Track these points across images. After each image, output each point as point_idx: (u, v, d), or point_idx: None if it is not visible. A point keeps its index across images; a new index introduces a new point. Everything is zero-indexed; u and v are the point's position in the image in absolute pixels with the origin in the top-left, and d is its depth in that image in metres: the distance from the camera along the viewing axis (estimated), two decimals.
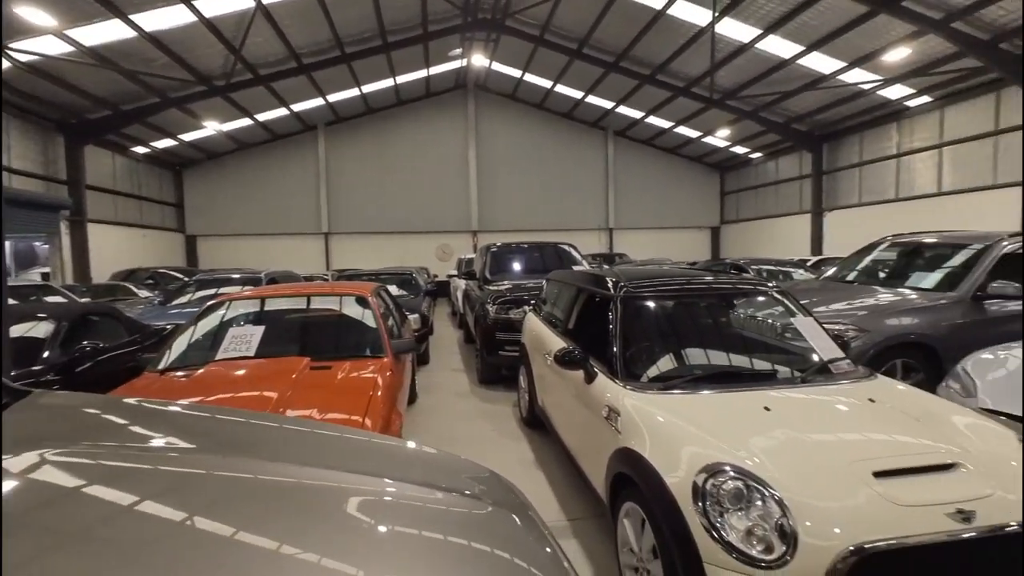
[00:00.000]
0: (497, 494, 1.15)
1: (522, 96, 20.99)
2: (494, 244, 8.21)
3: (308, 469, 1.14)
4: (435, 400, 5.59)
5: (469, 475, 1.27)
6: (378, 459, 1.37)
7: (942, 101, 13.21)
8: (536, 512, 1.20)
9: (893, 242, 6.19)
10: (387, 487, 1.11)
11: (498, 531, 0.98)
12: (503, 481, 1.29)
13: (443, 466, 1.34)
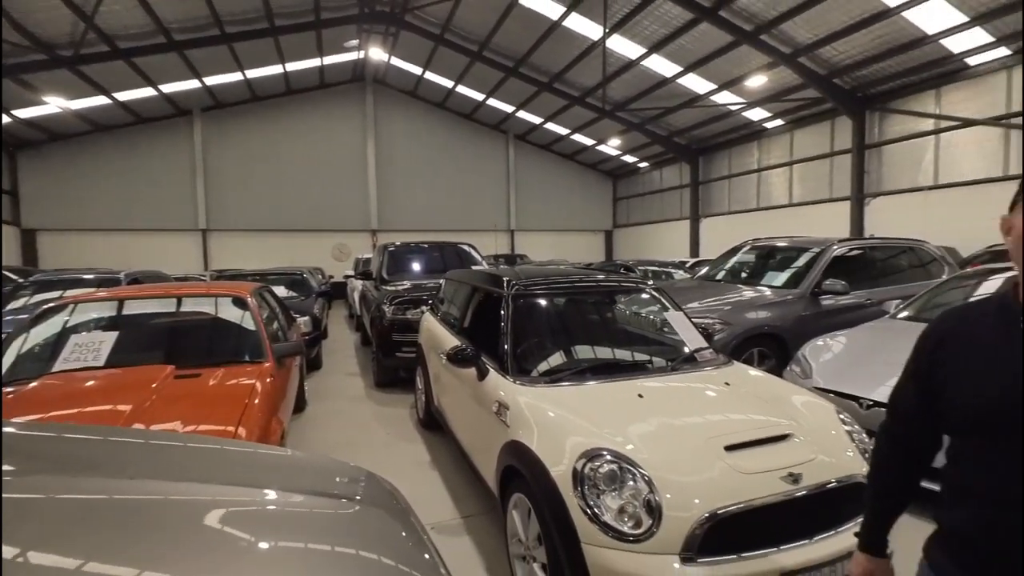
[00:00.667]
0: (370, 493, 1.13)
1: (423, 94, 20.71)
2: (392, 243, 8.00)
3: (165, 484, 1.04)
4: (327, 406, 5.31)
5: (340, 476, 1.23)
6: (243, 468, 1.28)
7: (792, 125, 15.26)
8: (411, 509, 1.19)
9: (752, 246, 7.03)
10: (247, 496, 1.04)
11: (366, 530, 0.95)
12: (377, 480, 1.26)
13: (313, 469, 1.28)
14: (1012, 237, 0.93)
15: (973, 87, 11.10)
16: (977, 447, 0.97)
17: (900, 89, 12.25)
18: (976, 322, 1.01)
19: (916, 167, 12.25)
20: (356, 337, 9.85)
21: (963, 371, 0.99)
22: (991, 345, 0.96)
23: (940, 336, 1.06)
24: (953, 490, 1.02)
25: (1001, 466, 0.92)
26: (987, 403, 0.94)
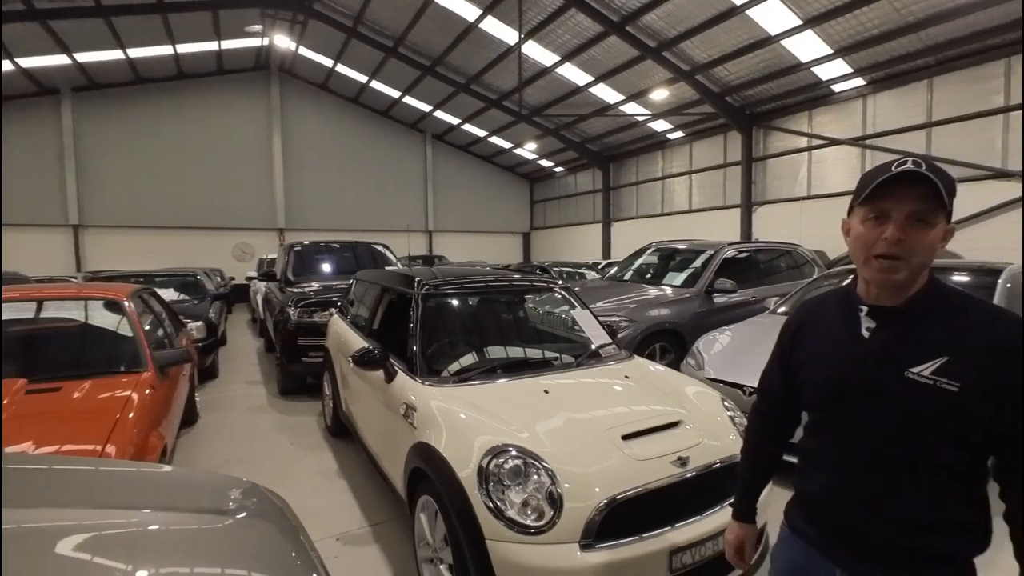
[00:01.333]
0: (248, 506, 1.05)
1: (335, 88, 19.83)
2: (299, 243, 7.57)
3: (18, 511, 0.90)
4: (223, 418, 4.90)
5: (216, 491, 1.13)
6: (109, 489, 1.14)
7: (691, 137, 16.49)
8: (299, 523, 1.12)
9: (655, 248, 7.51)
10: (108, 519, 0.93)
11: (238, 546, 0.89)
12: (260, 492, 1.18)
13: (187, 485, 1.17)
14: (851, 238, 1.05)
15: (837, 111, 12.68)
16: (826, 421, 1.11)
17: (780, 109, 13.69)
18: (825, 311, 1.15)
19: (793, 179, 13.76)
20: (259, 343, 9.20)
21: (815, 354, 1.13)
22: (836, 331, 1.10)
23: (798, 324, 1.20)
24: (807, 461, 1.15)
25: (844, 438, 1.06)
26: (832, 382, 1.07)
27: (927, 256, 0.96)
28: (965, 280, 4.28)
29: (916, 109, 11.24)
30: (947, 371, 0.93)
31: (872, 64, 11.25)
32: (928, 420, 0.95)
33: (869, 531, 1.01)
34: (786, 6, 10.14)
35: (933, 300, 1.00)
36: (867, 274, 1.01)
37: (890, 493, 0.99)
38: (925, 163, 0.94)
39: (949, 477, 0.96)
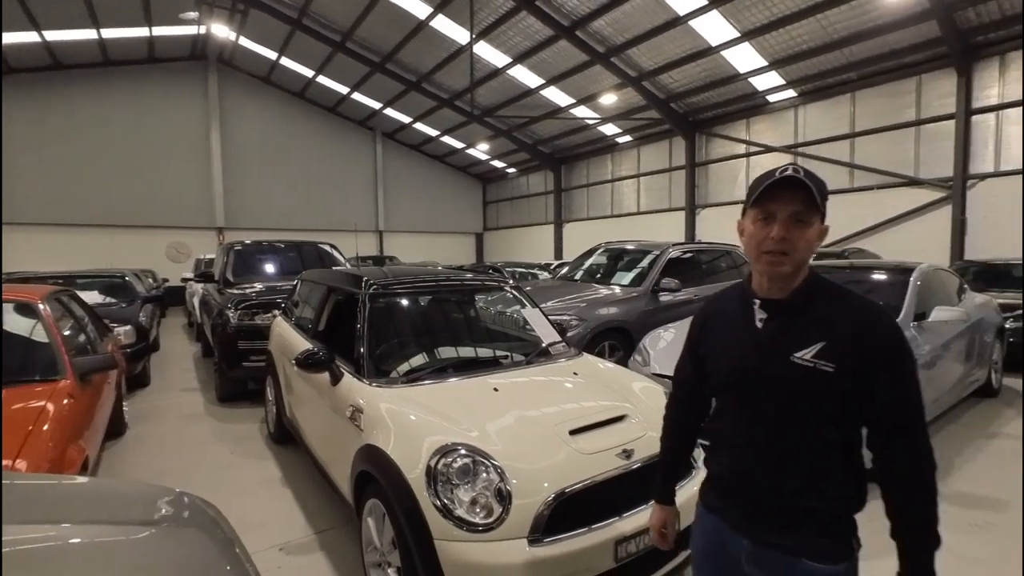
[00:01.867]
0: (176, 516, 0.99)
1: (279, 81, 19.06)
2: (239, 242, 7.23)
3: None
4: (155, 428, 4.60)
5: (140, 501, 1.06)
6: (17, 503, 1.04)
7: (639, 141, 17.01)
8: (229, 527, 1.07)
9: (605, 249, 7.68)
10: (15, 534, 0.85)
11: (163, 557, 0.84)
12: (190, 500, 1.12)
13: (110, 496, 1.09)
14: (745, 236, 1.15)
15: (772, 120, 13.45)
16: (729, 405, 1.23)
17: (721, 117, 14.37)
18: (726, 306, 1.27)
19: (733, 183, 14.47)
20: (196, 348, 8.70)
21: (717, 345, 1.25)
22: (735, 323, 1.21)
23: (703, 319, 1.33)
24: (715, 443, 1.27)
25: (745, 419, 1.17)
26: (732, 369, 1.18)
27: (807, 251, 1.08)
28: (883, 278, 4.63)
29: (841, 120, 12.09)
30: (824, 354, 1.05)
31: (802, 77, 12.00)
32: (811, 398, 1.07)
33: (768, 501, 1.13)
34: (725, 19, 10.64)
35: (812, 292, 1.12)
36: (759, 268, 1.13)
37: (784, 466, 1.10)
38: (803, 170, 1.06)
39: (831, 448, 1.09)
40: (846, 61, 11.14)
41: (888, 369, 1.04)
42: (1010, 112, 9.79)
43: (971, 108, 10.12)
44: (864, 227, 11.64)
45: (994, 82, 9.92)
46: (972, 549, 2.59)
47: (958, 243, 10.29)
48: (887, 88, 11.27)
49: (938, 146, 10.62)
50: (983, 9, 9.16)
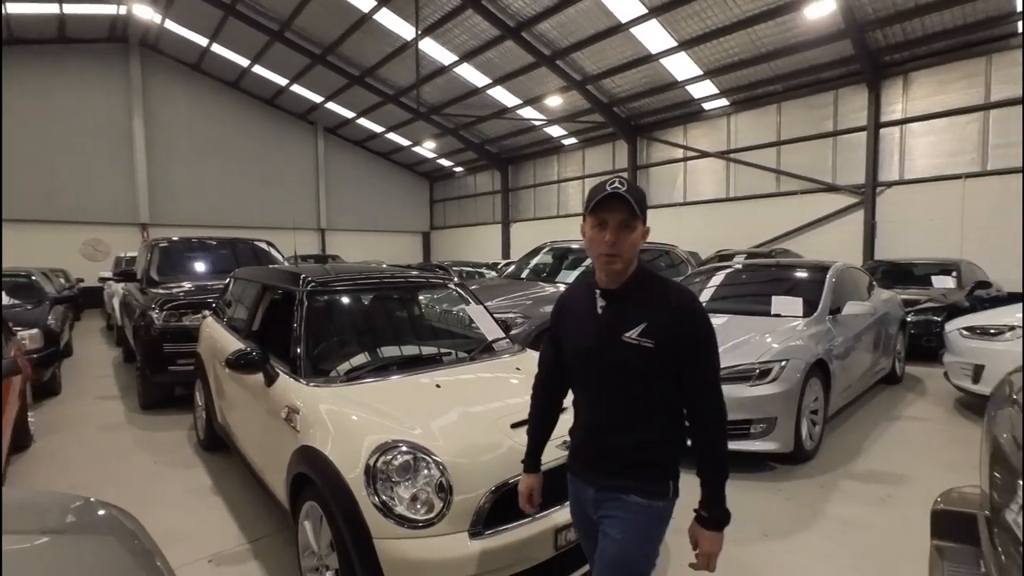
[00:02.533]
0: (89, 523, 0.92)
1: (211, 70, 17.99)
2: (165, 239, 6.78)
3: None
4: (68, 439, 4.23)
5: (47, 508, 0.98)
6: None
7: (583, 143, 17.39)
8: (148, 537, 1.01)
9: (550, 248, 7.81)
10: None
11: (71, 567, 0.78)
12: (102, 507, 1.04)
13: (11, 504, 0.99)
14: (586, 240, 1.35)
15: (707, 126, 14.15)
16: (580, 381, 1.45)
17: (660, 122, 14.95)
18: (579, 296, 1.46)
19: (672, 187, 15.10)
20: (116, 353, 8.07)
21: (570, 329, 1.45)
22: (583, 310, 1.41)
23: (560, 307, 1.54)
24: (575, 419, 1.50)
25: (591, 391, 1.42)
26: (580, 349, 1.40)
27: (633, 251, 1.31)
28: (804, 276, 4.98)
29: (769, 129, 12.91)
30: (646, 333, 1.29)
31: (734, 87, 12.71)
32: (637, 370, 1.30)
33: (609, 456, 1.38)
34: (663, 28, 11.09)
35: (639, 282, 1.36)
36: (599, 266, 1.35)
37: (619, 426, 1.35)
38: (626, 184, 1.30)
39: (656, 409, 1.34)
40: (773, 74, 11.91)
41: (696, 342, 1.30)
42: (913, 126, 10.81)
43: (880, 121, 11.09)
44: (789, 229, 12.47)
45: (899, 98, 10.92)
46: (876, 520, 2.85)
47: (869, 244, 11.25)
48: (808, 100, 12.14)
49: (852, 156, 11.56)
50: (889, 31, 10.06)
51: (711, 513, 1.31)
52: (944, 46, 10.04)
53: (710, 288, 5.34)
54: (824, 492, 3.19)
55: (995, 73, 9.74)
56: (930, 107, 10.52)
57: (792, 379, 3.51)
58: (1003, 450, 1.11)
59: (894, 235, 11.02)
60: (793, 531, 2.76)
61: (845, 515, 2.90)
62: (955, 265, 8.18)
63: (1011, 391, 1.28)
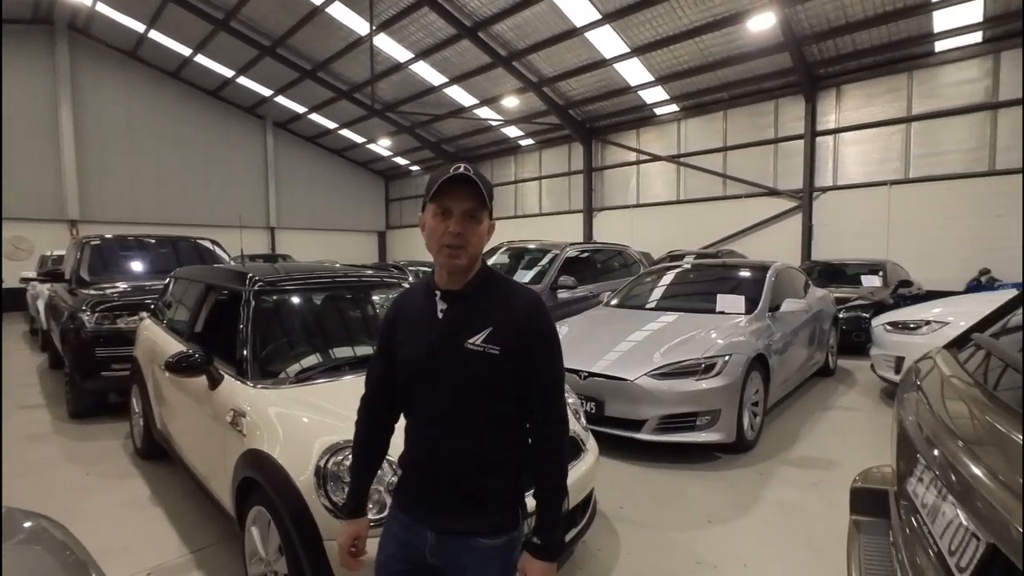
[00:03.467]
0: (11, 533, 0.87)
1: (149, 58, 16.98)
2: (96, 237, 6.37)
3: None
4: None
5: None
6: None
7: (540, 145, 17.58)
8: (79, 546, 0.96)
9: (507, 248, 7.87)
10: None
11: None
12: (28, 518, 0.99)
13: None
14: (426, 231, 1.19)
15: (659, 131, 14.62)
16: (416, 396, 1.22)
17: (615, 126, 15.32)
18: (414, 300, 1.28)
19: (626, 189, 15.50)
20: (43, 359, 7.51)
21: (405, 337, 1.24)
22: (420, 315, 1.23)
23: (393, 314, 1.30)
24: (406, 440, 1.25)
25: (430, 407, 1.19)
26: (418, 358, 1.20)
27: (479, 245, 1.17)
28: (747, 275, 5.25)
29: (716, 135, 13.48)
30: (492, 339, 1.14)
31: (684, 94, 13.20)
32: (484, 380, 1.15)
33: (452, 487, 1.17)
34: (617, 34, 11.38)
35: (484, 283, 1.21)
36: (440, 261, 1.17)
37: (462, 449, 1.16)
38: (472, 169, 1.14)
39: (502, 425, 1.18)
40: (719, 82, 12.45)
41: (541, 344, 1.17)
42: (845, 135, 11.57)
43: (816, 130, 11.81)
44: (735, 231, 13.07)
45: (832, 109, 11.67)
46: (809, 503, 3.05)
47: (807, 246, 11.96)
48: (752, 108, 12.77)
49: (792, 162, 12.25)
50: (824, 46, 10.73)
51: (544, 540, 1.16)
52: (871, 62, 10.81)
53: (661, 287, 5.53)
54: (763, 479, 3.38)
55: (916, 88, 10.57)
56: (860, 118, 11.30)
57: (735, 373, 3.70)
58: (906, 431, 1.22)
59: (829, 237, 11.75)
60: (735, 516, 2.91)
61: (781, 499, 3.09)
62: (882, 265, 8.82)
63: (916, 377, 1.41)
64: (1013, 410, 0.95)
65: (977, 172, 9.98)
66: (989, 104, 9.78)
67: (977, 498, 0.81)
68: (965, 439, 0.96)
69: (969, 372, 1.20)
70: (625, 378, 3.69)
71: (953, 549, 0.86)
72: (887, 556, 1.29)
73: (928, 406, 1.19)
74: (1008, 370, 1.09)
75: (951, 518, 0.89)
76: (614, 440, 3.69)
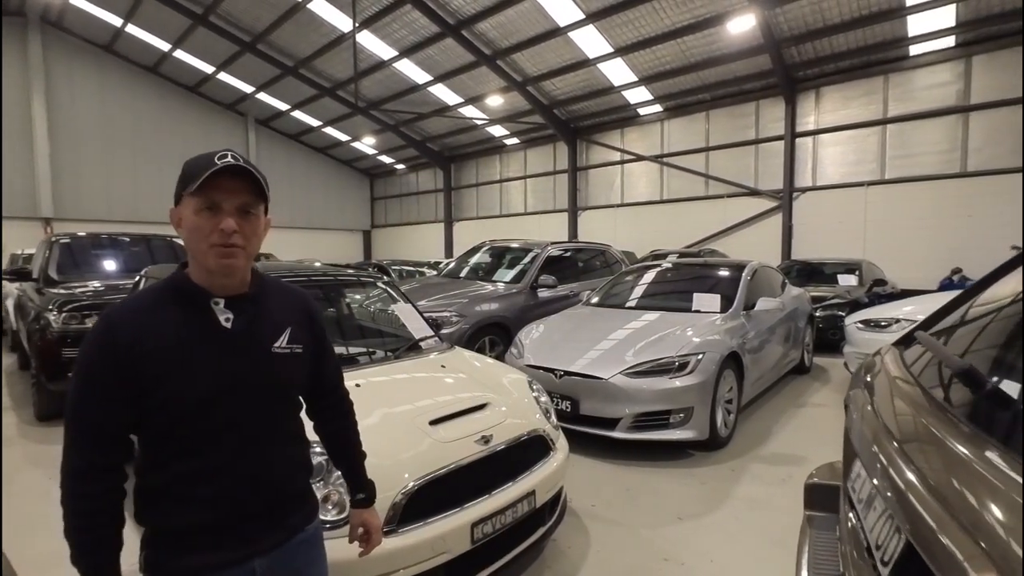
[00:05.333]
0: None
1: (126, 52, 16.67)
2: (67, 235, 6.23)
3: None
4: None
5: None
6: None
7: (525, 144, 17.59)
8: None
9: (489, 247, 7.85)
10: None
11: None
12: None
13: None
14: (186, 229, 1.00)
15: (642, 131, 14.72)
16: (202, 428, 1.03)
17: (599, 125, 15.39)
18: (162, 319, 1.01)
19: (610, 188, 15.58)
20: (11, 360, 7.31)
21: (173, 364, 0.99)
22: (190, 332, 1.01)
23: (130, 341, 0.97)
24: (177, 490, 1.03)
25: (225, 434, 1.04)
26: (209, 381, 1.01)
27: (257, 243, 1.05)
28: (724, 274, 5.30)
29: (698, 135, 13.61)
30: (294, 339, 1.12)
31: (666, 94, 13.30)
32: (293, 381, 1.14)
33: (274, 500, 1.11)
34: (600, 34, 11.43)
35: (262, 284, 1.13)
36: (210, 263, 1.00)
37: (277, 457, 1.11)
38: (242, 158, 1.01)
39: (296, 418, 1.19)
40: (701, 83, 12.57)
41: (327, 340, 1.26)
42: (823, 137, 11.76)
43: (795, 132, 11.99)
44: (717, 230, 13.22)
45: (811, 111, 11.85)
46: (777, 499, 3.09)
47: (786, 245, 12.14)
48: (733, 110, 12.92)
49: (772, 162, 12.42)
50: (803, 48, 10.89)
51: (368, 492, 1.39)
52: (848, 64, 11.00)
53: (640, 286, 5.57)
54: (735, 475, 3.42)
55: (891, 91, 10.78)
56: (838, 120, 11.49)
57: (708, 371, 3.73)
58: (849, 427, 1.24)
59: (808, 236, 11.94)
60: (704, 512, 2.94)
61: (751, 495, 3.13)
62: (857, 265, 8.99)
63: (864, 373, 1.43)
64: (945, 409, 0.97)
65: (949, 174, 10.22)
66: (961, 107, 10.02)
67: (897, 495, 0.82)
68: (898, 438, 0.97)
69: (910, 370, 1.22)
70: (600, 376, 3.70)
71: (879, 544, 0.87)
72: (834, 550, 1.31)
73: (870, 403, 1.21)
74: (943, 369, 1.12)
75: (879, 514, 0.91)
76: (589, 439, 3.70)
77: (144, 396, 0.98)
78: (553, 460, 2.45)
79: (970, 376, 0.85)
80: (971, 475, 0.74)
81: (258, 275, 1.13)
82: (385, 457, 1.94)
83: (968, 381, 0.87)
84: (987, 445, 0.78)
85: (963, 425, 0.86)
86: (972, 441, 0.80)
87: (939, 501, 0.73)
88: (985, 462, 0.75)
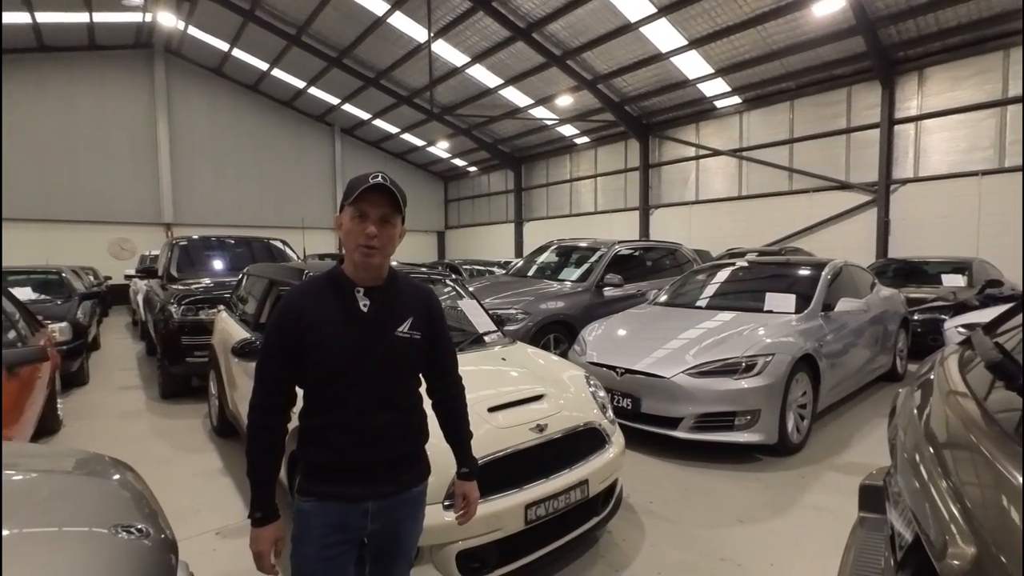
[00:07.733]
0: (92, 468, 1.11)
1: (232, 74, 18.52)
2: (185, 237, 7.11)
3: None
4: (92, 425, 4.52)
5: (62, 457, 1.18)
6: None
7: (595, 142, 17.43)
8: (140, 480, 1.18)
9: (557, 246, 7.93)
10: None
11: (76, 495, 0.96)
12: (104, 458, 1.23)
13: (33, 453, 1.20)
14: (343, 231, 1.30)
15: (719, 124, 14.08)
16: (336, 390, 1.27)
17: (672, 120, 14.92)
18: (322, 298, 1.31)
19: (684, 185, 15.06)
20: (140, 347, 8.46)
21: (322, 335, 1.26)
22: (338, 312, 1.29)
23: (298, 314, 1.28)
24: (316, 435, 1.30)
25: (356, 395, 1.27)
26: (344, 352, 1.26)
27: (392, 247, 1.32)
28: (804, 273, 5.03)
29: (781, 127, 12.80)
30: (414, 326, 1.37)
31: (745, 85, 12.64)
32: (411, 361, 1.39)
33: (387, 458, 1.34)
34: (673, 27, 11.11)
35: (395, 279, 1.39)
36: (355, 259, 1.30)
37: (394, 423, 1.34)
38: (388, 179, 1.29)
39: (414, 395, 1.41)
40: (784, 71, 11.82)
41: (443, 323, 1.47)
42: (928, 123, 10.64)
43: (894, 118, 10.94)
44: (801, 227, 12.37)
45: (914, 95, 10.76)
46: (848, 508, 2.91)
47: (882, 242, 11.11)
48: (821, 98, 12.02)
49: (865, 153, 11.42)
50: (903, 27, 9.93)
51: (471, 467, 1.55)
52: (958, 41, 9.87)
53: (712, 285, 5.41)
54: (804, 482, 3.27)
55: (1012, 68, 9.54)
56: (945, 103, 10.35)
57: (777, 373, 3.59)
58: (895, 428, 1.22)
59: (908, 233, 10.86)
60: (767, 518, 2.86)
61: (820, 503, 2.99)
62: (967, 264, 8.07)
63: (924, 372, 1.39)
64: (990, 417, 0.96)
65: None
66: None
67: (913, 496, 0.84)
68: (937, 441, 0.97)
69: (963, 373, 1.19)
70: (661, 375, 3.69)
71: (899, 535, 0.89)
72: (880, 552, 1.29)
73: (918, 404, 1.19)
74: (992, 378, 1.09)
75: (902, 510, 0.92)
76: (650, 437, 3.70)
77: (302, 357, 1.27)
78: (607, 452, 2.52)
79: (1001, 369, 0.85)
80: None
81: (393, 272, 1.39)
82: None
83: (1001, 374, 0.86)
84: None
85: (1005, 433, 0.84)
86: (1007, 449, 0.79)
87: (953, 502, 0.74)
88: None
